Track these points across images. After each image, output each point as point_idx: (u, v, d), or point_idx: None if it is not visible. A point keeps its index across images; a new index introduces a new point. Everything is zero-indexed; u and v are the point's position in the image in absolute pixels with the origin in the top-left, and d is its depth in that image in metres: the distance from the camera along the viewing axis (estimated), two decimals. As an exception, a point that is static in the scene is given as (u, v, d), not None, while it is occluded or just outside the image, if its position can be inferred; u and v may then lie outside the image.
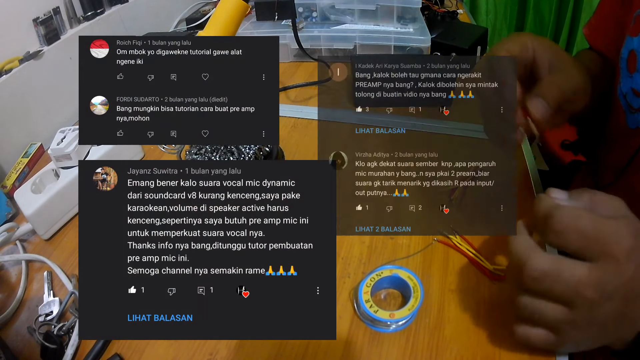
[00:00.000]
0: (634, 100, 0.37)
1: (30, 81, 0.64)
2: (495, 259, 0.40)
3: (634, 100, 0.37)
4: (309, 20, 0.82)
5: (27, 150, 0.63)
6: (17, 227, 0.50)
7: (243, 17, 0.46)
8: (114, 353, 0.37)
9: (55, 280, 0.45)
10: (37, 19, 0.65)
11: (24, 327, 0.41)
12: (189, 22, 0.98)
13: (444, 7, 0.92)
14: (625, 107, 0.39)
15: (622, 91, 0.39)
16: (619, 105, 0.40)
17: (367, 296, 0.37)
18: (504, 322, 0.35)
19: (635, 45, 0.37)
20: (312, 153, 0.57)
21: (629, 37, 0.38)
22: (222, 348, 0.36)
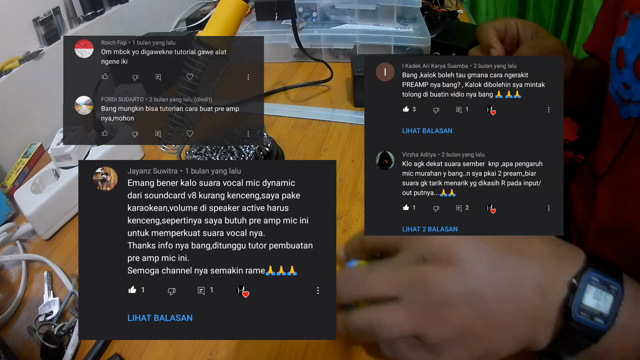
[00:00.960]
0: (624, 93, 0.39)
1: (30, 81, 0.64)
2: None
3: (625, 92, 0.39)
4: (309, 20, 0.82)
5: (27, 150, 0.63)
6: (17, 227, 0.50)
7: (243, 17, 0.46)
8: (114, 353, 0.37)
9: (55, 280, 0.45)
10: (37, 19, 0.66)
11: (24, 327, 0.41)
12: (189, 22, 0.98)
13: (444, 7, 0.92)
14: (618, 101, 0.40)
15: (613, 87, 0.41)
16: (611, 100, 0.41)
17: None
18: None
19: (622, 43, 0.39)
20: (312, 153, 0.57)
21: (617, 37, 0.40)
22: (222, 348, 0.36)
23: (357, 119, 0.62)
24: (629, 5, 0.39)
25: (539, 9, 1.51)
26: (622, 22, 0.40)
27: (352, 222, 0.46)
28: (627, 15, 0.39)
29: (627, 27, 0.39)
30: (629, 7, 0.39)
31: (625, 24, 0.39)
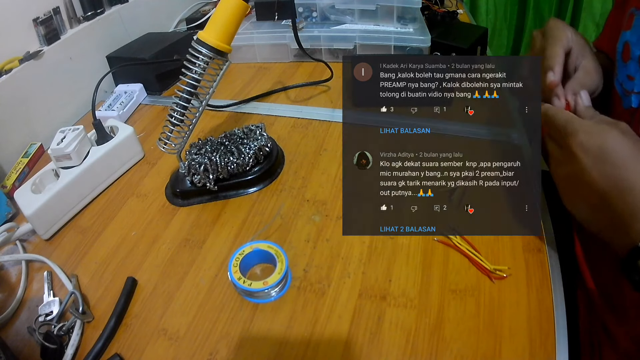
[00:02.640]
0: (628, 84, 0.41)
1: (30, 81, 0.64)
2: (495, 259, 0.40)
3: (628, 84, 0.40)
4: (309, 20, 0.82)
5: (27, 150, 0.63)
6: (17, 227, 0.50)
7: (243, 17, 0.46)
8: (114, 353, 0.37)
9: (55, 280, 0.45)
10: (37, 19, 0.66)
11: (24, 327, 0.41)
12: (189, 22, 0.98)
13: (444, 7, 0.92)
14: (622, 93, 0.42)
15: (618, 80, 0.42)
16: (616, 93, 0.43)
17: (237, 274, 0.39)
18: (504, 322, 0.35)
19: (628, 37, 0.41)
20: (312, 153, 0.57)
21: (623, 32, 0.42)
22: (222, 348, 0.36)
23: (357, 119, 0.62)
24: (635, 2, 0.41)
25: (539, 9, 1.50)
26: (628, 18, 0.41)
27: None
28: (633, 11, 0.40)
29: (633, 22, 0.40)
30: (636, 4, 0.40)
31: (631, 19, 0.40)
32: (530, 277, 0.38)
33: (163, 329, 0.38)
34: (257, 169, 0.52)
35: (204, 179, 0.49)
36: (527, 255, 0.40)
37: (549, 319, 0.35)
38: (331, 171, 0.53)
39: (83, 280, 0.44)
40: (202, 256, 0.45)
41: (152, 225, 0.49)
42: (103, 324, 0.39)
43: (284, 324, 0.37)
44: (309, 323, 0.37)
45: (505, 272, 0.39)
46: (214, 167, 0.49)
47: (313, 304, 0.39)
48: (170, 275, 0.43)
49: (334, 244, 0.44)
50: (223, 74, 0.47)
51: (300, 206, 0.49)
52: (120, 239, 0.48)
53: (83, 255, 0.47)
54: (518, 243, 0.41)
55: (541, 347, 0.34)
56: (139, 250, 0.46)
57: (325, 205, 0.48)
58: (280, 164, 0.55)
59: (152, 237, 0.48)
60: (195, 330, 0.38)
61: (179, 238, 0.47)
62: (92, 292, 0.43)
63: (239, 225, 0.48)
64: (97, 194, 0.55)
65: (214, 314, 0.39)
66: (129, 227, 0.50)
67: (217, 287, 0.41)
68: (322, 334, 0.36)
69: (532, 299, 0.37)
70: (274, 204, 0.50)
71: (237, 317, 0.39)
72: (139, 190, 0.55)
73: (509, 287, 0.38)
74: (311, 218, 0.47)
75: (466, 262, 0.40)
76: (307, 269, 0.42)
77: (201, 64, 0.45)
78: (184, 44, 0.72)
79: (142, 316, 0.40)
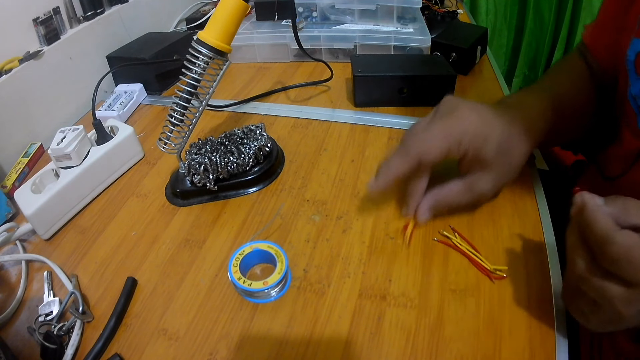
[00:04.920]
0: None
1: (30, 81, 0.64)
2: (495, 259, 0.40)
3: None
4: (309, 20, 0.82)
5: (27, 150, 0.63)
6: (17, 227, 0.50)
7: (243, 17, 0.46)
8: (114, 353, 0.37)
9: (55, 280, 0.45)
10: (37, 19, 0.66)
11: (24, 327, 0.41)
12: (189, 22, 0.98)
13: (444, 7, 0.92)
14: (636, 109, 0.38)
15: (631, 94, 0.38)
16: (630, 108, 0.39)
17: (237, 274, 0.39)
18: (504, 322, 0.35)
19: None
20: (312, 153, 0.57)
21: (635, 39, 0.37)
22: (222, 348, 0.36)
23: (357, 119, 0.62)
24: None
25: (539, 9, 1.50)
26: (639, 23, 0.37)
27: (352, 222, 0.46)
28: None
29: None
30: None
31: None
32: (530, 277, 0.38)
33: (163, 329, 0.38)
34: (257, 169, 0.52)
35: (204, 179, 0.49)
36: (527, 255, 0.40)
37: (549, 319, 0.35)
38: (331, 171, 0.53)
39: (83, 280, 0.44)
40: (202, 256, 0.45)
41: (152, 225, 0.49)
42: (103, 324, 0.39)
43: (284, 324, 0.37)
44: (309, 323, 0.37)
45: (505, 272, 0.39)
46: (214, 167, 0.49)
47: (313, 304, 0.39)
48: (170, 275, 0.43)
49: (334, 244, 0.44)
50: (223, 74, 0.47)
51: (300, 206, 0.49)
52: (120, 239, 0.48)
53: (83, 255, 0.47)
54: (518, 243, 0.41)
55: (541, 347, 0.34)
56: (139, 250, 0.47)
57: (325, 205, 0.48)
58: (280, 164, 0.55)
59: (152, 237, 0.48)
60: (195, 330, 0.38)
61: (179, 238, 0.47)
62: (92, 292, 0.43)
63: (239, 225, 0.48)
64: (97, 194, 0.55)
65: (214, 314, 0.39)
66: (129, 227, 0.50)
67: (217, 287, 0.41)
68: (322, 333, 0.36)
69: (532, 299, 0.37)
70: (273, 204, 0.50)
71: (237, 317, 0.39)
72: (139, 190, 0.55)
73: (509, 287, 0.38)
74: (311, 218, 0.47)
75: (466, 262, 0.40)
76: (307, 269, 0.42)
77: (201, 64, 0.45)
78: (184, 44, 0.72)
79: (142, 316, 0.40)
